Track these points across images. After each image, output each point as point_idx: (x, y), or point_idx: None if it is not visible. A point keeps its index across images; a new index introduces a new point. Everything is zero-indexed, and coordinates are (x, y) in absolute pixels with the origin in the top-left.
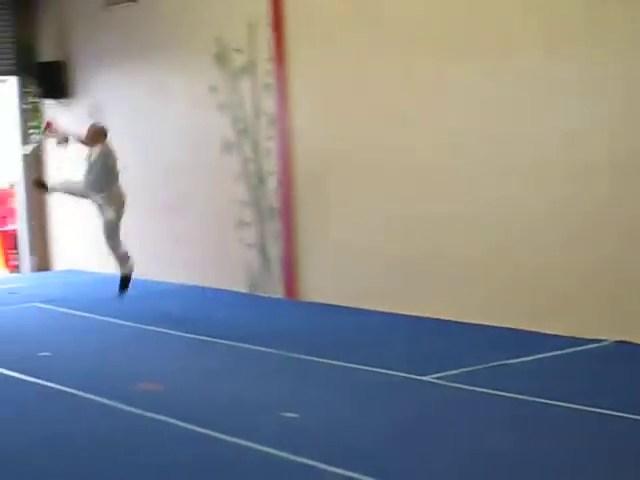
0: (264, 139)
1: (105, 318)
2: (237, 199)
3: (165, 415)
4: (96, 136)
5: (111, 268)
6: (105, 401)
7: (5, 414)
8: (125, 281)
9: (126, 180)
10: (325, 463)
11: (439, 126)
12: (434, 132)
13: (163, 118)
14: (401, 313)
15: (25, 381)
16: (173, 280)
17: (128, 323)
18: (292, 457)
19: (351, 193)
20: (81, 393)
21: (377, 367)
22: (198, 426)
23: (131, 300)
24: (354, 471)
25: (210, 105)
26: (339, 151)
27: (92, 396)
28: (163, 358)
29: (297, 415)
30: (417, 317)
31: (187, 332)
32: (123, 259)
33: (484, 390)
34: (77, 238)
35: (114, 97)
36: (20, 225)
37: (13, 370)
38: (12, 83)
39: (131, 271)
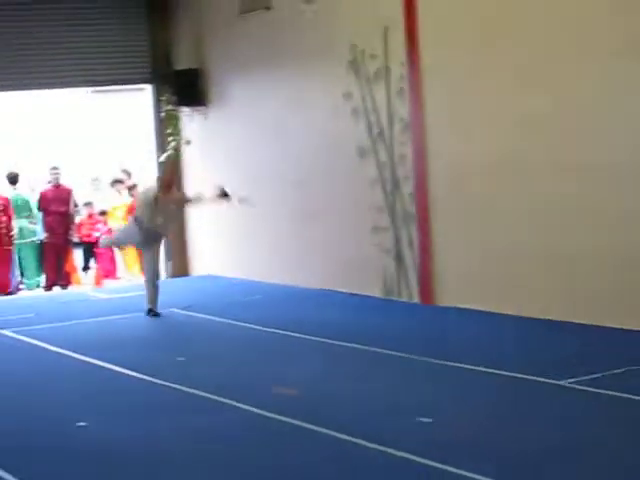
0: (399, 144)
1: (241, 323)
2: (373, 204)
3: (300, 419)
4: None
5: (249, 273)
6: (241, 405)
7: (147, 420)
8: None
9: (264, 187)
10: (461, 469)
11: (578, 126)
12: (572, 131)
13: (299, 125)
14: (539, 317)
15: (164, 386)
16: (310, 285)
17: (265, 328)
18: (427, 462)
19: (488, 196)
20: (216, 397)
21: (514, 372)
22: (333, 430)
23: (268, 305)
24: (488, 477)
25: (345, 111)
26: (474, 154)
27: (227, 400)
28: (298, 363)
29: (431, 420)
30: (555, 321)
31: (323, 337)
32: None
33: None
34: (215, 244)
35: (249, 104)
36: None
37: (151, 375)
38: (148, 91)
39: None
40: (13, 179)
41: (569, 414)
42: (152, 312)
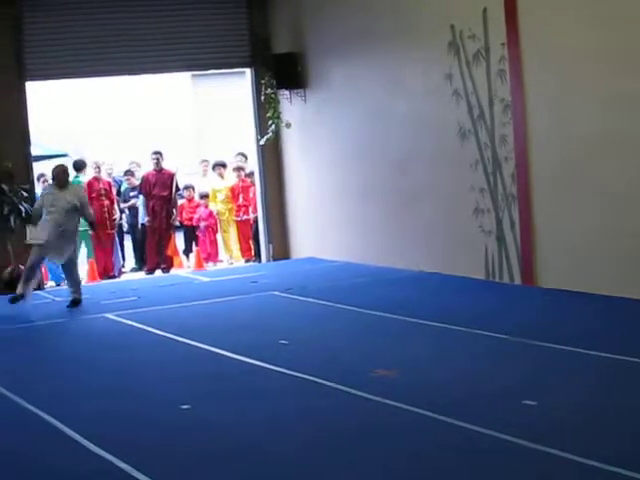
0: (500, 125)
1: (343, 306)
2: (474, 186)
3: (402, 402)
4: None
5: (350, 256)
6: (343, 388)
7: (249, 399)
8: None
9: (364, 170)
10: (565, 452)
11: None
12: None
13: (399, 107)
14: None
15: (268, 369)
16: (411, 267)
17: (367, 311)
18: (532, 445)
19: (590, 176)
20: (319, 380)
21: (621, 355)
22: (435, 413)
23: (370, 288)
24: (594, 460)
25: (445, 93)
26: (576, 134)
27: (331, 383)
28: (400, 345)
29: (536, 403)
30: None
31: (425, 319)
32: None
33: None
34: (316, 226)
35: (348, 86)
36: (259, 215)
37: (255, 358)
38: (248, 75)
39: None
40: (78, 166)
41: None
42: None
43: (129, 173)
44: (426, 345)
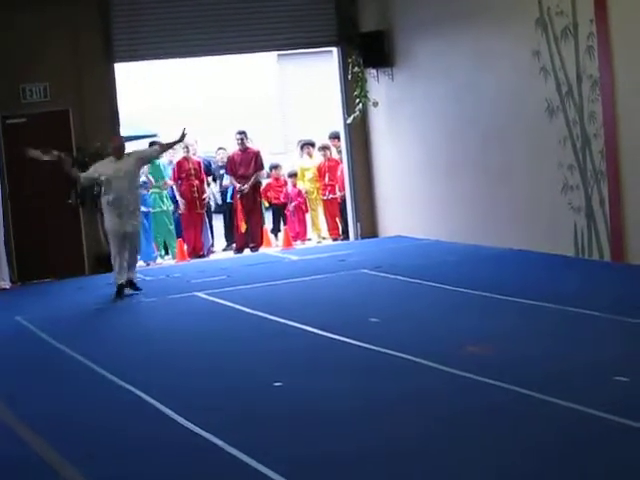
0: (588, 102)
1: (432, 283)
2: (563, 162)
3: (496, 379)
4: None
5: (438, 234)
6: (435, 365)
7: (343, 378)
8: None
9: (453, 148)
10: None
11: None
12: None
13: (487, 84)
14: None
15: (358, 347)
16: (500, 245)
17: (456, 288)
18: (624, 421)
19: None
20: (411, 357)
21: None
22: (529, 390)
23: (458, 265)
24: None
25: (533, 69)
26: None
27: (422, 360)
28: (491, 322)
29: (628, 379)
30: None
31: (514, 296)
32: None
33: None
34: (403, 204)
35: (436, 64)
36: (346, 193)
37: (345, 336)
38: (335, 54)
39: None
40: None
41: None
42: None
43: (221, 149)
44: (516, 322)
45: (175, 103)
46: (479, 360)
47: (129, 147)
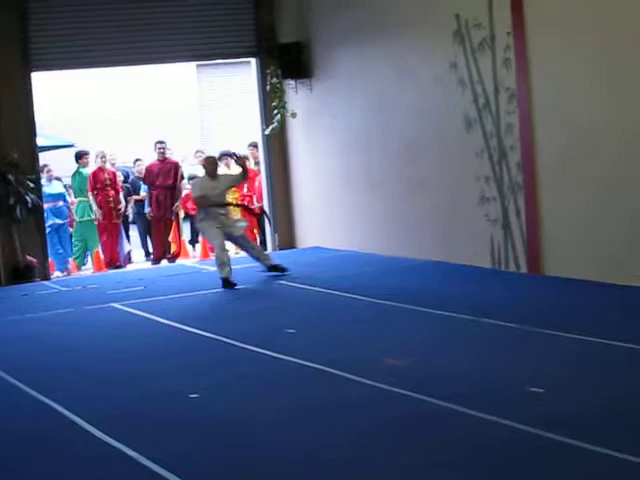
0: (505, 114)
1: (349, 295)
2: (480, 174)
3: (410, 390)
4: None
5: (355, 245)
6: (351, 377)
7: (259, 389)
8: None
9: (370, 159)
10: (576, 439)
11: None
12: None
13: (405, 96)
14: None
15: (274, 358)
16: (417, 256)
17: (373, 300)
18: (539, 432)
19: (596, 165)
20: (327, 369)
21: (626, 342)
22: (444, 401)
23: (374, 276)
24: (606, 447)
25: (451, 82)
26: (582, 123)
27: (338, 372)
28: (407, 334)
29: (543, 390)
30: None
31: (431, 308)
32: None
33: None
34: (322, 215)
35: (354, 75)
36: (264, 204)
37: (261, 347)
38: (253, 65)
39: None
40: (78, 156)
41: None
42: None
43: (138, 161)
44: (433, 334)
45: (95, 113)
46: (395, 372)
47: (45, 157)
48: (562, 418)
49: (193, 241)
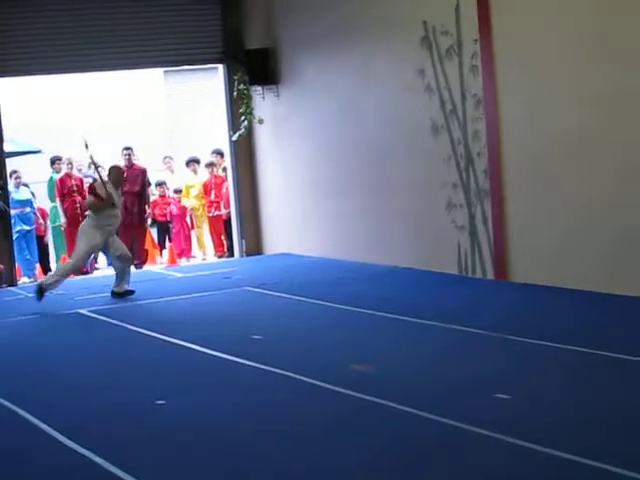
0: (472, 120)
1: (316, 301)
2: (447, 181)
3: (377, 397)
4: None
5: (323, 251)
6: (317, 383)
7: (226, 397)
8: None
9: (337, 165)
10: (539, 445)
11: None
12: None
13: (372, 102)
14: (617, 293)
15: (241, 364)
16: (385, 262)
17: (340, 306)
18: (506, 438)
19: (563, 172)
20: (294, 375)
21: (591, 348)
22: (411, 407)
23: (342, 283)
24: (570, 453)
25: (418, 88)
26: (548, 130)
27: (305, 378)
28: (374, 340)
29: (509, 396)
30: (634, 297)
31: (397, 314)
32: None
33: None
34: (289, 221)
35: (322, 82)
36: (231, 210)
37: (228, 353)
38: (220, 71)
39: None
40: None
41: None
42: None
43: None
44: (400, 340)
45: (61, 118)
46: (362, 378)
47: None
48: (527, 424)
49: (160, 247)
